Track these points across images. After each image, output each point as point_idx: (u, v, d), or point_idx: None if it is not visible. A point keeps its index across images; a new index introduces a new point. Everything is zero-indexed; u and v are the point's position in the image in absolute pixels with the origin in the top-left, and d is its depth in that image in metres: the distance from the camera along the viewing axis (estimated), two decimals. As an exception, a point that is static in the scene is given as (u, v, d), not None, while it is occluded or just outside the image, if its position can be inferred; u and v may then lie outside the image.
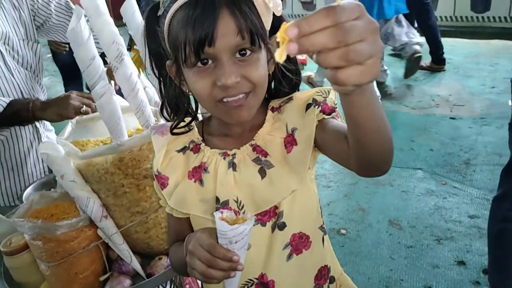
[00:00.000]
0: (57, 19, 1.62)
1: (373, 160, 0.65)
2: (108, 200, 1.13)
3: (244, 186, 0.80)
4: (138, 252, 1.20)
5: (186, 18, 0.69)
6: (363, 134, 0.60)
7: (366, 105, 0.54)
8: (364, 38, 0.42)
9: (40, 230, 1.07)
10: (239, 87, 0.72)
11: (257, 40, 0.71)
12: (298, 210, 0.82)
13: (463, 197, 2.57)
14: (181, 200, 0.83)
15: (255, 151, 0.80)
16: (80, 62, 0.99)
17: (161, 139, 0.87)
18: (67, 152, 1.10)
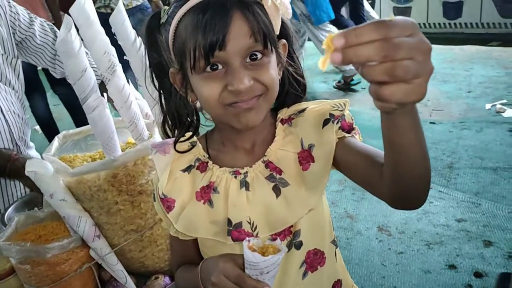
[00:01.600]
0: (41, 40, 1.55)
1: (410, 190, 0.60)
2: (100, 218, 1.08)
3: (257, 206, 0.75)
4: (132, 271, 1.14)
5: (195, 22, 0.66)
6: (403, 161, 0.56)
7: (409, 128, 0.51)
8: (413, 56, 0.41)
9: (29, 253, 1.00)
10: (252, 91, 0.68)
11: (269, 43, 0.68)
12: (314, 227, 0.78)
13: (449, 201, 2.59)
14: (190, 224, 0.78)
15: (268, 168, 0.77)
16: (70, 75, 0.94)
17: (163, 159, 0.81)
18: (56, 169, 1.04)
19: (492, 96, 3.99)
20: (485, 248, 2.18)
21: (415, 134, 0.53)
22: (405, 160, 0.56)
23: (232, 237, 0.75)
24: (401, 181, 0.59)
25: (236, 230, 0.75)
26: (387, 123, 0.52)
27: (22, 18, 1.50)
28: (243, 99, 0.68)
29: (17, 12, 1.49)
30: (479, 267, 2.06)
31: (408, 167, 0.57)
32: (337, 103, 0.76)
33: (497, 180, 2.72)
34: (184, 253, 0.85)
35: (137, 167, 1.04)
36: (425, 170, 0.58)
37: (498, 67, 4.73)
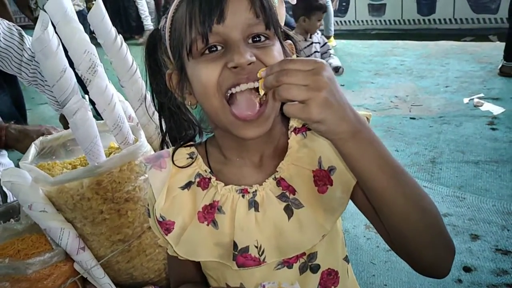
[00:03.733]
0: (5, 43, 1.47)
1: (410, 246, 0.59)
2: (85, 229, 1.00)
3: (267, 228, 0.68)
4: (120, 284, 1.08)
5: (191, 1, 0.62)
6: (373, 199, 0.58)
7: (359, 157, 0.54)
8: (300, 82, 0.51)
9: (8, 270, 0.93)
10: (253, 71, 0.61)
11: (271, 23, 0.63)
12: (329, 247, 0.72)
13: (433, 196, 2.59)
14: (191, 247, 0.71)
15: (280, 186, 0.69)
16: (48, 76, 0.87)
17: (159, 175, 0.73)
18: (35, 178, 0.97)
19: (469, 90, 4.04)
20: (472, 242, 2.18)
21: (371, 164, 0.55)
22: (380, 200, 0.57)
23: (237, 262, 0.68)
24: (390, 229, 0.60)
25: (242, 255, 0.68)
26: (340, 153, 0.57)
27: None
28: (243, 77, 0.61)
29: None
30: (467, 261, 2.06)
31: (389, 210, 0.57)
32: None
33: (479, 173, 2.74)
34: (184, 272, 0.78)
35: (123, 173, 0.97)
36: (418, 218, 0.57)
37: (473, 61, 4.81)
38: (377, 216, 0.62)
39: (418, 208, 0.57)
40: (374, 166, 0.55)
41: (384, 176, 0.55)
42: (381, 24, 6.74)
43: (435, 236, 0.59)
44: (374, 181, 0.56)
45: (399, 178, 0.57)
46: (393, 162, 0.57)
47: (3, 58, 1.48)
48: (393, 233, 0.61)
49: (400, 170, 0.57)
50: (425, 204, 0.58)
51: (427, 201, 0.59)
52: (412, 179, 0.58)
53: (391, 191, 0.56)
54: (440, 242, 0.60)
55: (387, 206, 0.57)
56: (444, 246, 0.60)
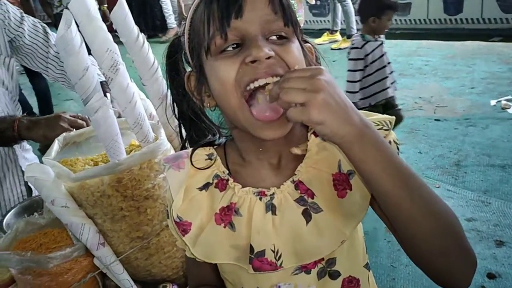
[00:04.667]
0: (30, 40, 1.49)
1: (420, 252, 0.59)
2: (105, 225, 1.02)
3: (284, 232, 0.67)
4: (138, 280, 1.09)
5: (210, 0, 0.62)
6: (380, 202, 0.58)
7: (363, 160, 0.55)
8: (299, 86, 0.53)
9: (30, 263, 0.95)
10: (272, 65, 0.61)
11: (290, 21, 0.63)
12: (350, 253, 0.71)
13: (458, 200, 2.54)
14: (208, 249, 0.70)
15: (298, 189, 0.68)
16: (71, 74, 0.88)
17: (177, 175, 0.73)
18: (57, 174, 0.98)
19: (495, 92, 3.94)
20: (497, 248, 2.13)
21: (377, 167, 0.55)
22: (386, 202, 0.57)
23: (253, 266, 0.67)
24: (405, 239, 0.60)
25: (258, 259, 0.67)
26: (346, 156, 0.57)
27: (13, 17, 1.45)
28: (262, 72, 0.60)
29: (7, 10, 1.43)
30: (492, 268, 2.01)
31: (395, 213, 0.57)
32: (381, 120, 0.67)
33: (505, 177, 2.67)
34: (202, 275, 0.78)
35: (143, 171, 0.98)
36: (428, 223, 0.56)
37: (501, 62, 4.69)
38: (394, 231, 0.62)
39: (427, 213, 0.56)
40: (379, 168, 0.55)
41: (389, 178, 0.55)
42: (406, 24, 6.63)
43: (449, 244, 0.57)
44: (379, 183, 0.56)
45: (406, 180, 0.56)
46: (400, 164, 0.56)
47: (28, 55, 1.51)
48: (402, 237, 0.60)
49: (408, 173, 0.56)
50: (437, 209, 0.57)
51: (439, 206, 0.57)
52: (421, 183, 0.57)
53: (396, 193, 0.55)
54: (454, 250, 0.58)
55: (393, 209, 0.57)
56: (460, 256, 0.59)
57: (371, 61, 2.75)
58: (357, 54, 2.76)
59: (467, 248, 0.59)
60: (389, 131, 0.67)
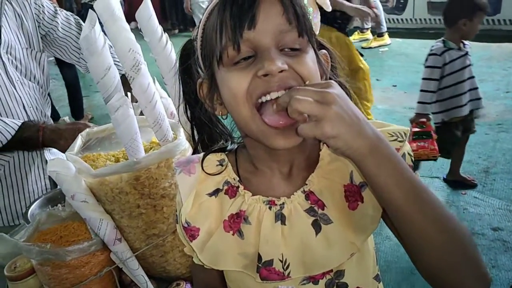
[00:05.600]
0: (63, 33, 1.53)
1: (431, 268, 0.57)
2: (122, 221, 1.04)
3: (293, 242, 0.66)
4: (153, 276, 1.11)
5: (223, 6, 0.61)
6: (392, 216, 0.57)
7: (376, 175, 0.54)
8: (312, 97, 0.52)
9: (49, 255, 0.98)
10: (285, 79, 0.59)
11: (304, 31, 0.61)
12: (359, 265, 0.70)
13: (484, 208, 2.47)
14: (216, 256, 0.70)
15: (309, 200, 0.67)
16: (94, 73, 0.90)
17: (188, 180, 0.73)
18: (78, 169, 1.01)
19: (532, 97, 3.81)
20: (524, 260, 2.06)
21: (389, 181, 0.54)
22: (398, 216, 0.56)
23: (260, 275, 0.67)
24: (416, 256, 0.59)
25: (266, 268, 0.67)
26: (359, 169, 0.57)
27: (47, 11, 1.48)
28: (274, 86, 0.59)
29: (42, 4, 1.47)
30: (516, 280, 1.95)
31: (406, 228, 0.56)
32: (396, 131, 0.66)
33: (536, 187, 2.58)
34: (207, 282, 0.78)
35: (160, 170, 1.00)
36: (438, 239, 0.55)
37: (539, 66, 4.52)
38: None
39: (439, 228, 0.55)
40: (391, 182, 0.54)
41: (401, 192, 0.54)
42: (440, 23, 6.42)
43: (461, 262, 0.56)
44: (391, 197, 0.55)
45: (418, 195, 0.55)
46: (412, 178, 0.55)
47: (62, 48, 1.55)
48: (413, 252, 0.59)
49: (420, 187, 0.56)
50: (450, 226, 0.56)
51: (452, 223, 0.56)
52: (435, 198, 0.56)
53: (409, 208, 0.55)
54: (467, 269, 0.57)
55: (405, 224, 0.56)
56: (473, 275, 0.57)
57: (448, 72, 2.51)
58: (434, 62, 2.52)
59: (482, 267, 0.58)
60: (403, 143, 0.65)
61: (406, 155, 0.66)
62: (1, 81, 1.34)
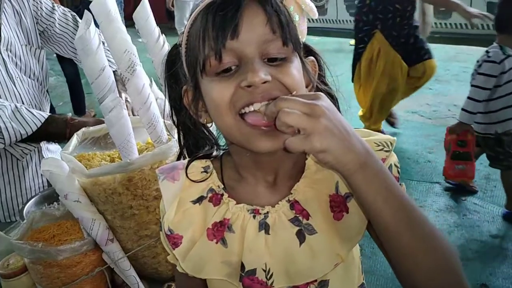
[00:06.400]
0: (60, 29, 1.54)
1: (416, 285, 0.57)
2: (114, 222, 1.04)
3: (277, 252, 0.65)
4: (145, 277, 1.11)
5: (206, 14, 0.60)
6: (379, 233, 0.56)
7: (365, 190, 0.54)
8: (299, 109, 0.51)
9: (41, 254, 0.98)
10: (269, 89, 0.58)
11: (289, 40, 0.60)
12: (343, 275, 0.69)
13: (484, 215, 2.46)
14: (198, 264, 0.69)
15: (294, 209, 0.66)
16: (88, 73, 0.90)
17: (171, 187, 0.72)
18: (72, 169, 1.01)
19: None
20: (522, 268, 2.05)
21: (378, 198, 0.54)
22: (385, 233, 0.55)
23: (243, 283, 0.66)
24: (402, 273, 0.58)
25: (249, 277, 0.66)
26: (348, 184, 0.56)
27: (45, 7, 1.49)
28: (258, 97, 0.58)
29: (40, 1, 1.47)
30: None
31: (393, 245, 0.56)
32: (382, 140, 0.65)
33: (537, 195, 2.56)
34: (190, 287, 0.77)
35: (154, 172, 0.98)
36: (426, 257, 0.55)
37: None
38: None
39: (426, 247, 0.55)
40: (380, 199, 0.53)
41: (389, 209, 0.54)
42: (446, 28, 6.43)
43: (445, 281, 0.56)
44: (379, 214, 0.54)
45: (407, 213, 0.55)
46: (401, 195, 0.55)
47: (59, 44, 1.56)
48: (398, 268, 0.58)
49: (409, 205, 0.55)
50: (437, 245, 0.56)
51: (439, 242, 0.56)
52: (422, 216, 0.56)
53: (397, 225, 0.54)
54: (452, 285, 0.57)
55: (392, 241, 0.55)
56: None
57: (506, 80, 2.31)
58: (492, 70, 2.30)
59: (464, 284, 0.57)
60: (389, 153, 0.65)
61: (393, 166, 0.65)
62: (1, 78, 1.35)
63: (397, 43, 3.17)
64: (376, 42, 3.17)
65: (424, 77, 3.37)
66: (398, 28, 3.15)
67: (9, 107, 1.24)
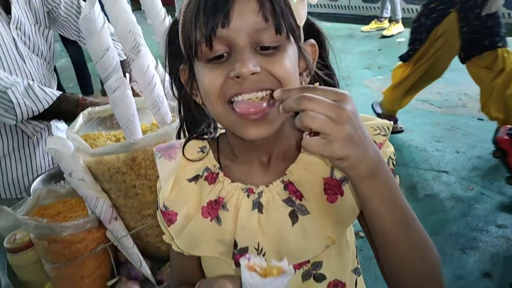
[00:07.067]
0: (65, 12, 1.55)
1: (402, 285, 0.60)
2: (118, 200, 1.06)
3: (269, 231, 0.66)
4: (148, 256, 1.13)
5: (199, 1, 0.59)
6: (377, 239, 0.58)
7: (371, 198, 0.54)
8: (325, 113, 0.49)
9: (45, 230, 1.00)
10: (258, 81, 0.58)
11: (283, 27, 0.58)
12: (337, 257, 0.70)
13: (490, 205, 2.44)
14: (192, 241, 0.70)
15: (287, 190, 0.67)
16: (92, 53, 0.91)
17: (168, 165, 0.72)
18: (77, 148, 1.03)
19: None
20: (526, 259, 2.04)
21: (382, 207, 0.54)
22: (383, 240, 0.57)
23: (235, 261, 0.67)
24: (391, 276, 0.61)
25: (241, 255, 0.66)
26: (353, 188, 0.56)
27: None
28: (247, 89, 0.58)
29: None
30: (520, 278, 1.93)
31: (390, 252, 0.58)
32: (379, 125, 0.65)
33: (546, 186, 2.53)
34: (185, 269, 0.77)
35: (157, 152, 1.01)
36: (417, 266, 0.58)
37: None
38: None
39: (420, 257, 0.58)
40: (383, 209, 0.55)
41: (391, 219, 0.55)
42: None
43: (430, 284, 0.60)
44: (381, 221, 0.56)
45: (407, 223, 0.57)
46: (404, 205, 0.56)
47: (64, 26, 1.58)
48: (389, 273, 0.62)
49: (409, 215, 0.57)
50: (430, 255, 0.59)
51: (431, 252, 0.59)
52: (420, 227, 0.58)
53: (396, 235, 0.56)
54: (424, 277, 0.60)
55: (389, 248, 0.58)
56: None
57: None
58: None
59: (443, 285, 0.62)
60: (386, 137, 0.65)
61: (390, 159, 0.66)
62: (12, 56, 1.36)
63: (468, 28, 2.79)
64: (445, 23, 2.84)
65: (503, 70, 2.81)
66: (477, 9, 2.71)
67: (22, 84, 1.26)
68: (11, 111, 1.25)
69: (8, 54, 1.34)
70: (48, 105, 1.29)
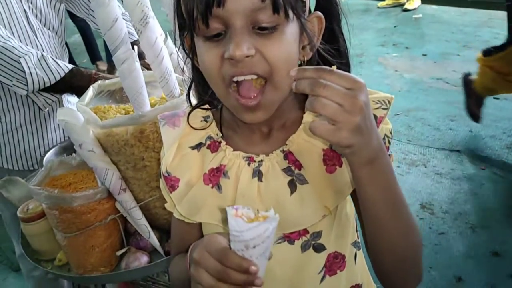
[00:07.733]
0: None
1: (384, 268, 0.64)
2: (127, 172, 1.07)
3: (268, 199, 0.67)
4: (157, 227, 1.15)
5: None
6: (368, 219, 0.60)
7: (369, 183, 0.56)
8: (338, 101, 0.49)
9: (57, 200, 1.02)
10: (252, 65, 0.57)
11: (280, 6, 0.56)
12: (337, 228, 0.71)
13: (502, 184, 2.42)
14: (194, 207, 0.71)
15: (287, 160, 0.67)
16: (101, 24, 0.91)
17: (172, 132, 0.73)
18: (86, 120, 1.03)
19: None
20: (537, 238, 2.03)
21: (377, 193, 0.56)
22: (373, 222, 0.60)
23: None
24: (372, 246, 0.64)
25: None
26: (351, 171, 0.58)
27: None
28: (241, 71, 0.58)
29: None
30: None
31: (379, 237, 0.61)
32: (380, 98, 0.65)
33: (560, 167, 2.50)
34: (186, 240, 0.76)
35: (165, 125, 1.01)
36: (402, 249, 0.61)
37: None
38: None
39: (405, 241, 0.61)
40: (379, 195, 0.57)
41: (384, 206, 0.58)
42: (481, -9, 6.13)
43: (412, 266, 0.64)
44: (374, 207, 0.58)
45: (398, 210, 0.59)
46: (397, 192, 0.58)
47: (74, 4, 1.57)
48: (372, 248, 0.65)
49: (401, 202, 0.59)
50: (413, 239, 0.62)
51: (415, 235, 0.62)
52: (408, 212, 0.61)
53: (386, 220, 0.59)
54: (414, 272, 0.65)
55: (376, 229, 0.61)
56: (415, 275, 0.65)
57: None
58: None
59: (421, 266, 0.66)
60: (387, 110, 0.65)
61: (386, 137, 0.66)
62: (24, 29, 1.37)
63: None
64: None
65: None
66: None
67: (35, 54, 1.27)
68: (23, 81, 1.27)
69: (20, 26, 1.35)
70: (60, 77, 1.30)
